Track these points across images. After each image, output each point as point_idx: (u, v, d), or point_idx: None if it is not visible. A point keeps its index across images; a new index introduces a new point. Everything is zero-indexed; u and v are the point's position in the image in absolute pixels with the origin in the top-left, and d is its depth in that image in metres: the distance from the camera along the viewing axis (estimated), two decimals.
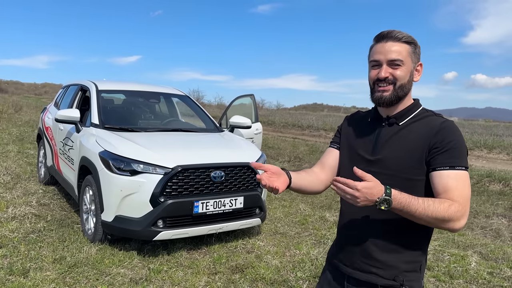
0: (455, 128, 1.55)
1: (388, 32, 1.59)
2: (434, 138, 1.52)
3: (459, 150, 1.51)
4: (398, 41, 1.58)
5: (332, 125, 21.13)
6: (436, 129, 1.53)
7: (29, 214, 5.00)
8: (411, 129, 1.60)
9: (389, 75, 1.58)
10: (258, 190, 4.48)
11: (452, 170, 1.48)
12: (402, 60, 1.57)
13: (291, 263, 4.05)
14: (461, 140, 1.53)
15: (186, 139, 4.80)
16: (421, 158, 1.53)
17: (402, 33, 1.59)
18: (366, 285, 1.63)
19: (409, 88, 1.61)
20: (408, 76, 1.59)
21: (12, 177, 6.71)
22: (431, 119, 1.59)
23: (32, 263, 3.76)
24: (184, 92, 6.13)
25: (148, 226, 3.87)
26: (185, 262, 3.99)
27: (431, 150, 1.51)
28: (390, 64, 1.58)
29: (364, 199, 1.38)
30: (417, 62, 1.62)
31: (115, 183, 3.91)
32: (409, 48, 1.59)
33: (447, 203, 1.44)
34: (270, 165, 1.57)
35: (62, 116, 4.77)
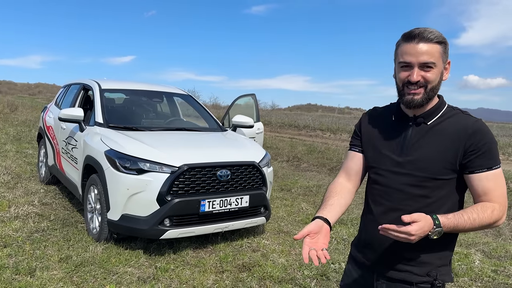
0: (487, 127, 1.56)
1: (420, 32, 1.53)
2: (470, 140, 1.51)
3: (494, 150, 1.53)
4: (429, 42, 1.52)
5: (328, 125, 21.20)
6: (470, 130, 1.52)
7: (32, 214, 4.98)
8: (441, 129, 1.58)
9: (421, 78, 1.53)
10: (263, 189, 4.49)
11: (489, 171, 1.51)
12: (435, 62, 1.53)
13: (298, 262, 4.06)
14: (493, 139, 1.55)
15: (191, 138, 4.80)
16: (454, 158, 1.53)
17: (433, 33, 1.53)
18: (400, 282, 1.63)
19: (439, 88, 1.59)
20: (439, 78, 1.56)
21: (12, 176, 6.67)
22: (461, 118, 1.58)
23: (38, 263, 3.74)
24: (186, 92, 6.13)
25: (154, 225, 3.87)
26: (192, 261, 3.99)
27: (468, 153, 1.51)
28: (422, 67, 1.53)
29: (418, 238, 1.43)
30: (447, 61, 1.58)
31: (121, 182, 3.90)
32: (440, 49, 1.54)
33: (489, 209, 1.49)
34: (308, 227, 1.53)
35: (65, 115, 4.75)
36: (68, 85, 6.54)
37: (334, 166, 10.37)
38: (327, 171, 9.87)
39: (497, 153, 1.56)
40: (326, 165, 10.47)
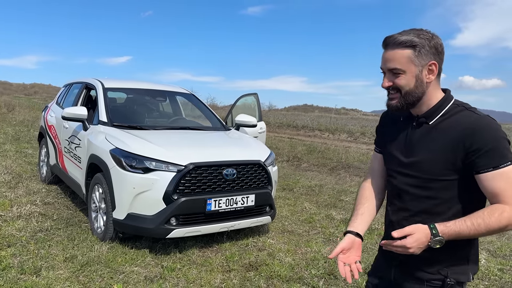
0: (492, 124, 1.47)
1: (388, 38, 1.54)
2: (470, 139, 1.45)
3: (499, 147, 1.44)
4: (397, 47, 1.51)
5: (326, 126, 21.21)
6: (471, 129, 1.46)
7: (35, 213, 4.94)
8: (442, 128, 1.54)
9: (391, 84, 1.55)
10: (269, 188, 4.47)
11: (496, 170, 1.43)
12: (401, 68, 1.52)
13: (304, 261, 4.04)
14: (499, 136, 1.45)
15: (196, 137, 4.78)
16: (455, 159, 1.49)
17: (403, 36, 1.51)
18: (412, 279, 1.63)
19: (420, 91, 1.54)
20: (414, 82, 1.52)
21: (13, 176, 6.62)
22: (463, 115, 1.51)
23: (43, 262, 3.71)
24: (189, 91, 6.10)
25: (161, 224, 3.84)
26: (198, 260, 3.96)
27: (470, 153, 1.45)
28: (391, 73, 1.55)
29: (418, 249, 1.42)
30: (426, 62, 1.52)
31: (127, 181, 3.88)
32: (410, 53, 1.50)
33: (497, 212, 1.41)
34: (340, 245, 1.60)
35: (69, 114, 4.72)
36: (70, 84, 6.50)
37: (335, 166, 10.37)
38: (327, 171, 9.86)
39: (506, 150, 1.44)
40: (327, 165, 10.46)
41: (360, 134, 18.57)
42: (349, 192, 7.26)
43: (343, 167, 10.28)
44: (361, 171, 9.79)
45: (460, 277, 1.58)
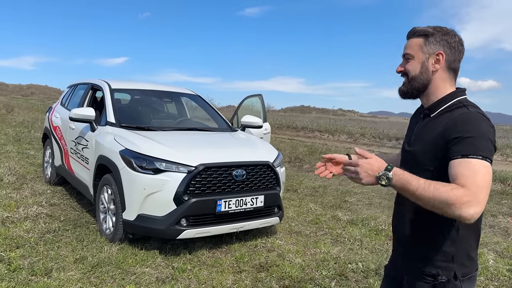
0: (472, 117, 1.52)
1: (411, 30, 1.70)
2: (452, 130, 1.50)
3: (474, 139, 1.45)
4: (413, 36, 1.67)
5: (326, 127, 21.24)
6: (454, 120, 1.52)
7: (41, 214, 4.93)
8: (438, 121, 1.60)
9: (402, 69, 1.69)
10: (277, 189, 4.48)
11: (464, 158, 1.43)
12: (411, 53, 1.66)
13: (314, 262, 4.05)
14: (477, 129, 1.48)
15: (205, 138, 4.78)
16: (442, 150, 1.52)
17: (420, 28, 1.66)
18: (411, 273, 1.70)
19: (426, 77, 1.64)
20: (420, 68, 1.64)
21: (17, 177, 6.60)
22: (457, 111, 1.57)
23: (53, 263, 3.70)
24: (195, 92, 6.10)
25: (171, 225, 3.84)
26: (208, 261, 3.96)
27: (449, 142, 1.49)
28: (404, 59, 1.69)
29: (366, 174, 1.48)
30: (434, 51, 1.62)
31: (138, 182, 3.87)
32: (421, 41, 1.64)
33: (450, 186, 1.40)
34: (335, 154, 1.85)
35: (77, 115, 4.72)
36: (75, 85, 6.49)
37: None
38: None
39: (480, 145, 1.45)
40: None
41: (360, 135, 18.61)
42: (353, 193, 7.28)
43: None
44: None
45: (449, 275, 1.60)
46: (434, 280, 1.60)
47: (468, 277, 1.62)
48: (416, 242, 1.67)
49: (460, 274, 1.60)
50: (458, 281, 1.59)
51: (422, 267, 1.64)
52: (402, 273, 1.75)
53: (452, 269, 1.60)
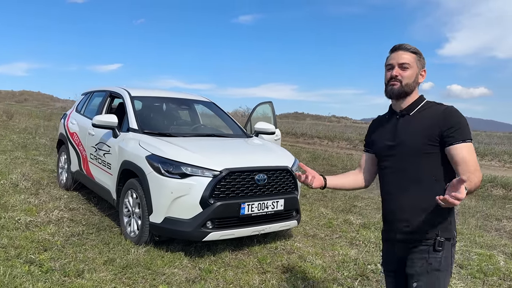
0: (457, 111, 1.99)
1: (400, 45, 2.11)
2: (444, 121, 1.95)
3: (465, 126, 1.96)
4: (407, 51, 2.08)
5: (325, 133, 21.44)
6: (443, 114, 1.98)
7: (63, 218, 5.05)
8: (421, 116, 2.05)
9: (398, 74, 2.07)
10: (295, 193, 4.63)
11: (464, 143, 1.92)
12: (409, 63, 2.07)
13: (335, 263, 4.20)
14: (464, 119, 1.98)
15: (225, 144, 4.93)
16: (432, 135, 1.97)
17: (410, 46, 2.10)
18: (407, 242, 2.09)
19: (414, 86, 2.09)
20: (414, 77, 2.07)
21: (32, 183, 6.69)
22: (435, 107, 2.05)
23: (84, 265, 3.82)
24: (209, 99, 6.26)
25: (198, 227, 3.98)
26: (232, 262, 4.10)
27: (444, 131, 1.94)
28: (400, 67, 2.07)
29: None
30: (422, 68, 2.11)
31: (165, 186, 4.01)
32: (416, 56, 2.09)
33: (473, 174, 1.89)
34: (310, 169, 2.23)
35: (100, 121, 4.85)
36: (90, 93, 6.62)
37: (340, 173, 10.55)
38: None
39: (469, 130, 1.96)
40: (333, 171, 10.64)
41: (359, 141, 18.81)
42: (361, 198, 7.45)
43: None
44: None
45: (447, 235, 2.03)
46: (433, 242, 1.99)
47: (454, 243, 2.06)
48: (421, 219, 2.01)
49: (452, 237, 2.04)
50: (450, 243, 2.03)
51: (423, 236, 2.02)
52: (402, 257, 2.11)
53: (451, 231, 2.04)
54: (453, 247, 2.05)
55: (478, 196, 8.65)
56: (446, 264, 2.02)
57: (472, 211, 7.11)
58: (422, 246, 2.03)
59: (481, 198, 8.43)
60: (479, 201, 8.12)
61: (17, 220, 4.84)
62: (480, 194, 8.78)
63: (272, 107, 7.10)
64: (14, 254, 3.92)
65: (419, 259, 2.03)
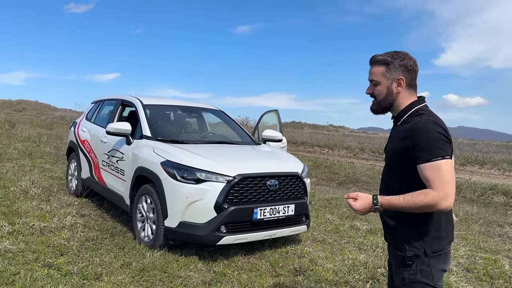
0: (422, 125, 1.88)
1: (372, 57, 2.06)
2: (409, 138, 1.88)
3: (429, 144, 1.82)
4: (375, 64, 2.03)
5: (325, 142, 21.58)
6: (409, 129, 1.91)
7: (77, 224, 5.14)
8: (400, 129, 2.00)
9: (371, 92, 2.06)
10: (305, 198, 4.75)
11: (427, 163, 1.82)
12: (376, 79, 2.03)
13: (345, 267, 4.30)
14: (428, 136, 1.84)
15: (237, 151, 5.06)
16: (401, 153, 1.92)
17: (380, 56, 2.02)
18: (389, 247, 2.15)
19: (391, 99, 2.03)
20: (386, 91, 2.02)
21: (42, 190, 6.78)
22: (412, 120, 1.95)
23: (101, 268, 3.91)
24: (218, 108, 6.40)
25: (212, 231, 4.09)
26: (245, 266, 4.20)
27: (409, 148, 1.87)
28: (371, 83, 2.06)
29: (362, 211, 1.95)
30: (396, 77, 1.99)
31: (180, 191, 4.13)
32: (383, 69, 2.00)
33: (422, 194, 1.81)
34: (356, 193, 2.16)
35: (114, 129, 4.98)
36: (100, 101, 6.75)
37: (343, 180, 10.69)
38: (337, 185, 10.17)
39: (435, 148, 1.82)
40: (335, 179, 10.78)
41: (359, 150, 18.96)
42: None
43: (351, 181, 10.60)
44: (370, 186, 10.11)
45: (416, 251, 1.94)
46: (404, 254, 1.95)
47: (438, 254, 1.95)
48: (393, 221, 2.01)
49: (429, 251, 1.93)
50: (426, 258, 1.93)
51: (396, 243, 2.02)
52: (389, 254, 2.16)
53: (422, 247, 1.93)
54: (432, 259, 1.94)
55: (480, 203, 8.78)
56: (424, 277, 1.93)
57: (474, 218, 7.23)
58: (398, 257, 2.01)
59: (483, 205, 8.56)
60: (481, 207, 8.25)
61: (31, 225, 4.93)
62: (482, 201, 8.92)
63: (278, 115, 7.26)
64: (32, 258, 4.02)
65: (396, 270, 2.04)
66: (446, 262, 2.03)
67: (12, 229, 4.73)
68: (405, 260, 1.96)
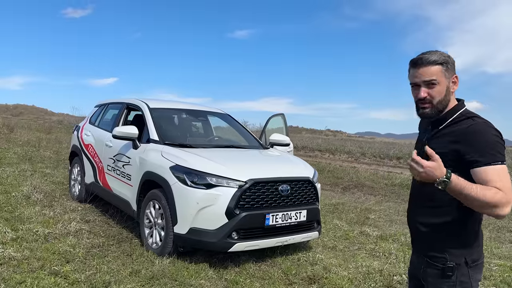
0: (480, 128, 1.78)
1: (419, 58, 1.88)
2: (465, 142, 1.75)
3: (488, 148, 1.73)
4: (430, 64, 1.85)
5: (326, 146, 21.51)
6: (464, 132, 1.78)
7: (82, 230, 5.01)
8: (447, 133, 1.86)
9: (426, 95, 1.86)
10: (317, 204, 4.64)
11: (487, 166, 1.71)
12: (436, 79, 1.85)
13: (360, 274, 4.18)
14: (488, 139, 1.75)
15: (246, 155, 4.96)
16: (453, 157, 1.78)
17: (433, 56, 1.86)
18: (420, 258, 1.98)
19: (448, 100, 1.88)
20: (445, 91, 1.86)
21: (44, 195, 6.64)
22: (464, 123, 1.83)
23: (109, 276, 3.78)
24: (224, 111, 6.30)
25: (223, 238, 3.97)
26: (257, 274, 4.08)
27: (462, 153, 1.75)
28: (426, 85, 1.86)
29: (425, 176, 1.67)
30: (452, 75, 1.88)
31: (191, 196, 4.01)
32: (441, 68, 1.85)
33: (493, 190, 1.67)
34: None
35: (121, 133, 4.86)
36: (104, 105, 6.63)
37: (347, 185, 10.58)
38: (341, 190, 10.06)
39: (497, 152, 1.73)
40: (339, 184, 10.67)
41: (360, 154, 18.89)
42: (373, 210, 7.45)
43: (355, 186, 10.49)
44: (374, 190, 10.01)
45: (457, 260, 1.84)
46: (443, 265, 1.84)
47: (476, 263, 1.86)
48: (431, 231, 1.90)
49: (470, 260, 1.84)
50: (466, 268, 1.84)
51: (434, 254, 1.89)
52: (420, 265, 1.98)
53: (463, 256, 1.84)
54: (471, 269, 1.86)
55: None
56: None
57: (484, 223, 7.11)
58: (435, 269, 1.89)
59: None
60: None
61: (35, 232, 4.80)
62: None
63: (284, 119, 7.15)
64: (38, 265, 3.89)
65: (433, 283, 1.90)
66: (481, 272, 1.93)
67: (15, 236, 4.60)
68: (445, 271, 1.85)
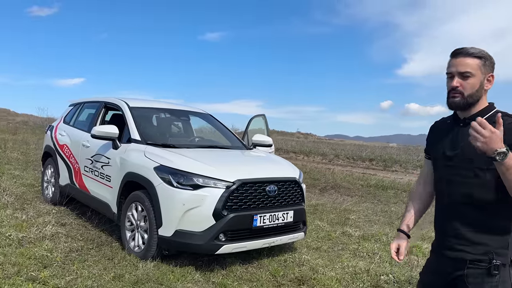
0: None
1: (460, 48, 1.88)
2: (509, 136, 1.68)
3: None
4: (469, 56, 1.84)
5: (300, 148, 21.66)
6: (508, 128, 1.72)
7: (58, 234, 4.80)
8: None
9: (459, 85, 1.85)
10: (303, 204, 4.61)
11: None
12: (471, 71, 1.84)
13: (348, 275, 4.16)
14: None
15: (231, 155, 4.87)
16: None
17: (474, 49, 1.85)
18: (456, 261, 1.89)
19: (479, 95, 1.86)
20: (478, 85, 1.84)
21: (15, 198, 6.34)
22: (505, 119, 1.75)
23: (91, 282, 3.63)
24: (205, 111, 6.19)
25: (210, 240, 3.87)
26: (245, 276, 4.00)
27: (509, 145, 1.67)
28: (461, 76, 1.85)
29: (485, 142, 1.61)
30: (488, 73, 1.87)
31: (177, 198, 3.89)
32: (479, 62, 1.84)
33: None
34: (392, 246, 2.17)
35: (100, 133, 4.68)
36: (79, 104, 6.40)
37: (324, 186, 10.62)
38: (318, 191, 10.10)
39: None
40: (316, 185, 10.70)
41: (334, 156, 19.09)
42: (352, 211, 7.50)
43: (332, 187, 10.55)
44: (351, 192, 10.09)
45: (503, 260, 1.82)
46: (489, 264, 1.80)
47: None
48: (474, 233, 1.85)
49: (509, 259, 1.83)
50: (509, 267, 1.82)
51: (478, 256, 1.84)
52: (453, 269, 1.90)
53: (508, 255, 1.83)
54: None
55: None
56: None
57: None
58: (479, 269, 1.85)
59: None
60: None
61: (8, 236, 4.56)
62: None
63: (265, 120, 7.11)
64: (13, 271, 3.68)
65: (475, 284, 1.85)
66: None
67: None
68: (490, 270, 1.81)
